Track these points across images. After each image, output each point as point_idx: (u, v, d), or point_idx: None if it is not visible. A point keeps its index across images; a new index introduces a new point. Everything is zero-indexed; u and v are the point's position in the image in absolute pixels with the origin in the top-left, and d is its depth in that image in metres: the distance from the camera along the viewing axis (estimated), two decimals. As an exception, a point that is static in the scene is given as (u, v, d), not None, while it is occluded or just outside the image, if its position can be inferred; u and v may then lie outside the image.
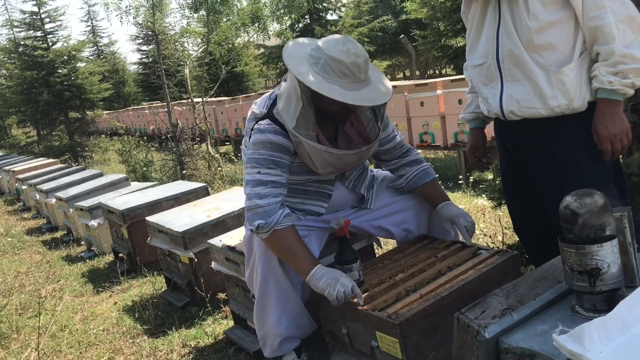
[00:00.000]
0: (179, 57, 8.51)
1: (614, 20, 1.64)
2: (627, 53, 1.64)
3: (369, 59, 1.92)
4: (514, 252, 1.93)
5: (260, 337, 2.13)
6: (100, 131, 17.28)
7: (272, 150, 1.93)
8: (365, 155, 2.07)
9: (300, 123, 1.91)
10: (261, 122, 1.97)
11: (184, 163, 7.08)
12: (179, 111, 11.03)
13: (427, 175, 2.21)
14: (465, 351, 1.13)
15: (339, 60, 1.81)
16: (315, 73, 1.83)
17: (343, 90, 1.81)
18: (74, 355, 2.69)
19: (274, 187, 1.93)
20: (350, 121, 2.04)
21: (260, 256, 1.99)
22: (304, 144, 1.92)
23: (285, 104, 1.95)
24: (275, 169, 1.93)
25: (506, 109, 1.86)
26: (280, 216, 1.90)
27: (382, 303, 1.78)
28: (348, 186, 2.19)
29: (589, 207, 1.09)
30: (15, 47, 12.62)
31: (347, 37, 1.92)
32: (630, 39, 1.66)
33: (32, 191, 6.47)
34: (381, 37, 19.46)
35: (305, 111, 1.91)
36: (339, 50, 1.82)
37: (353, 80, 1.84)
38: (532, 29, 1.73)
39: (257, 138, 1.95)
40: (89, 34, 27.38)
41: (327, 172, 2.03)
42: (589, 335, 0.92)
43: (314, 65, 1.85)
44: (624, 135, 1.74)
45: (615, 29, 1.64)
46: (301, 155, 1.98)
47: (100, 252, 4.41)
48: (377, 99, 1.87)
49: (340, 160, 2.00)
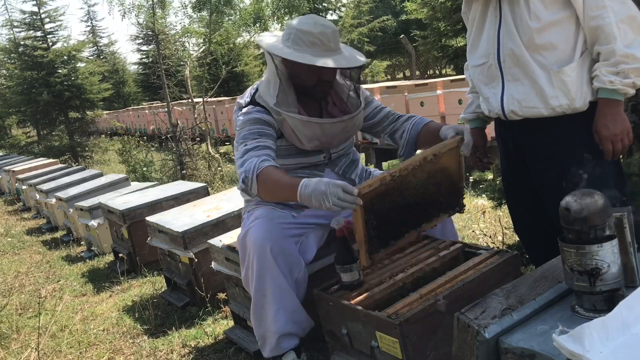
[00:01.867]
0: (179, 57, 8.51)
1: (615, 20, 1.64)
2: (628, 53, 1.64)
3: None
4: (514, 252, 1.92)
5: (258, 336, 2.13)
6: (100, 131, 17.27)
7: (255, 124, 2.03)
8: (350, 127, 2.12)
9: (280, 100, 2.02)
10: (245, 108, 2.10)
11: (184, 163, 7.08)
12: (179, 111, 11.03)
13: (424, 120, 2.24)
14: (465, 351, 1.13)
15: (307, 31, 1.95)
16: (286, 46, 1.98)
17: (313, 57, 1.93)
18: (74, 355, 2.69)
19: (257, 150, 1.96)
20: (332, 100, 2.15)
21: (254, 255, 1.99)
22: (286, 118, 2.01)
23: (265, 85, 2.08)
24: (259, 138, 2.00)
25: (507, 109, 1.86)
26: (257, 162, 1.90)
27: (374, 300, 1.79)
28: (338, 172, 2.22)
29: (589, 207, 1.09)
30: (15, 47, 12.62)
31: (314, 15, 2.09)
32: (631, 39, 1.66)
33: (32, 191, 6.47)
34: (381, 37, 19.46)
35: (284, 88, 2.02)
36: (307, 23, 1.97)
37: (323, 49, 1.96)
38: (533, 28, 1.73)
39: (242, 119, 2.08)
40: (88, 34, 27.40)
41: (313, 146, 2.08)
42: (589, 336, 0.92)
43: (286, 40, 1.99)
44: (625, 135, 1.74)
45: (616, 28, 1.64)
46: (286, 133, 2.06)
47: (100, 252, 4.41)
48: (348, 63, 1.99)
49: (325, 132, 2.06)
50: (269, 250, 1.96)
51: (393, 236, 1.94)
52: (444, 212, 2.08)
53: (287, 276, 2.02)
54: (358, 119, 2.15)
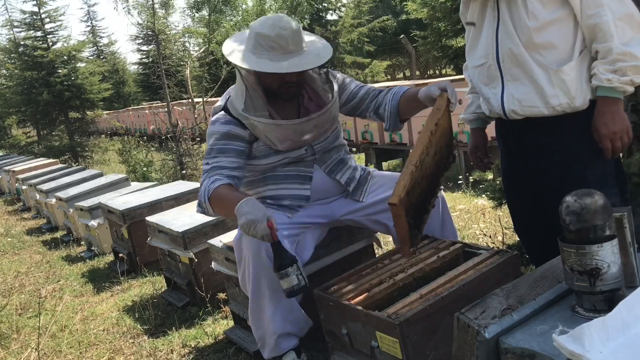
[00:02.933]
0: (179, 57, 8.52)
1: (612, 18, 1.64)
2: (626, 51, 1.64)
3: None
4: (514, 252, 1.92)
5: (257, 338, 2.13)
6: (100, 131, 17.28)
7: (219, 139, 2.06)
8: (322, 121, 2.10)
9: (248, 105, 2.03)
10: (216, 114, 2.11)
11: (184, 163, 7.08)
12: (179, 111, 11.03)
13: (402, 88, 2.20)
14: (465, 351, 1.13)
15: (265, 35, 1.94)
16: (247, 52, 1.98)
17: (271, 62, 1.93)
18: (74, 355, 2.69)
19: (211, 172, 2.01)
20: (308, 94, 2.15)
21: (250, 256, 1.99)
22: (255, 123, 2.02)
23: (235, 91, 2.10)
24: (218, 156, 2.03)
25: (508, 109, 1.86)
26: (207, 185, 1.96)
27: (375, 300, 1.79)
28: (325, 170, 2.21)
29: (589, 207, 1.09)
30: (15, 47, 12.63)
31: (278, 14, 2.06)
32: (629, 37, 1.65)
33: (32, 191, 6.47)
34: (381, 37, 19.47)
35: (251, 93, 2.03)
36: (265, 26, 1.95)
37: (282, 52, 1.95)
38: (531, 28, 1.73)
39: (210, 129, 2.11)
40: (88, 34, 27.41)
41: (287, 146, 2.09)
42: (589, 336, 0.92)
43: (247, 45, 1.99)
44: (624, 133, 1.74)
45: (613, 26, 1.64)
46: (259, 136, 2.07)
47: (100, 252, 4.41)
48: (306, 64, 1.97)
49: (296, 132, 2.06)
50: (264, 251, 1.96)
51: (422, 216, 1.91)
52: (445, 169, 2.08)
53: None
54: (331, 112, 2.13)
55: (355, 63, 15.90)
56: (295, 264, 1.80)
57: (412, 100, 2.10)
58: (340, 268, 2.22)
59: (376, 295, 1.84)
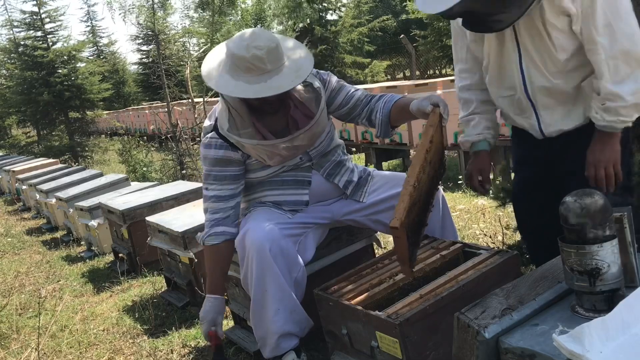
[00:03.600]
0: (180, 57, 8.52)
1: (604, 56, 1.60)
2: (614, 91, 1.61)
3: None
4: (514, 252, 1.92)
5: (258, 337, 2.13)
6: (100, 131, 17.28)
7: (213, 165, 2.08)
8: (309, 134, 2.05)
9: (232, 125, 2.00)
10: (207, 136, 2.10)
11: (184, 163, 7.08)
12: (179, 111, 11.02)
13: (395, 97, 2.19)
14: (465, 351, 1.13)
15: (240, 57, 1.87)
16: (224, 73, 1.92)
17: (247, 85, 1.88)
18: (74, 355, 2.69)
19: (215, 201, 2.10)
20: (294, 104, 2.09)
21: (254, 255, 1.99)
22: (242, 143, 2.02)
23: (220, 111, 2.08)
24: (215, 183, 2.08)
25: (547, 132, 1.85)
26: (206, 234, 2.10)
27: (375, 300, 1.79)
28: (323, 175, 2.20)
29: (589, 207, 1.09)
30: (15, 47, 12.63)
31: (254, 30, 1.96)
32: (623, 75, 1.60)
33: (32, 191, 6.47)
34: (381, 37, 19.46)
35: (233, 112, 2.00)
36: (240, 47, 1.88)
37: (259, 72, 1.88)
38: (562, 60, 1.70)
39: (201, 153, 2.14)
40: (88, 34, 27.42)
41: (276, 162, 2.09)
42: (589, 336, 0.92)
43: (225, 66, 1.93)
44: (610, 164, 1.71)
45: (604, 65, 1.61)
46: (250, 153, 2.07)
47: (100, 252, 4.41)
48: (282, 87, 1.90)
49: (283, 148, 2.03)
50: (268, 250, 1.96)
51: (421, 229, 1.92)
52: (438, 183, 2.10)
53: (287, 276, 2.02)
54: (319, 123, 2.09)
55: (355, 63, 15.90)
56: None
57: (404, 110, 2.08)
58: (340, 268, 2.22)
59: (376, 295, 1.84)
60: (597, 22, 1.58)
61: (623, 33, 1.58)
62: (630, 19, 1.58)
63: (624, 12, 1.58)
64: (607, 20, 1.57)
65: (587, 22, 1.60)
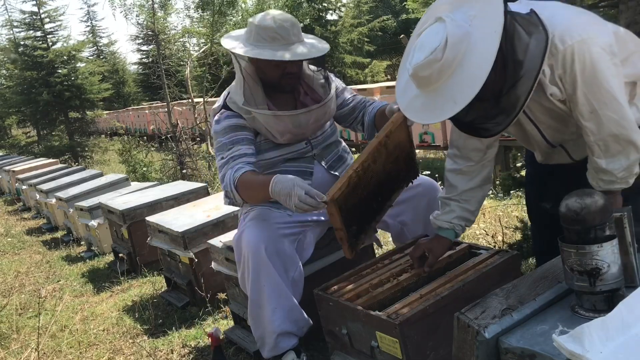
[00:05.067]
0: (180, 57, 8.52)
1: (593, 139, 1.56)
2: (606, 169, 1.57)
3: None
4: (514, 252, 1.93)
5: (257, 337, 2.13)
6: (100, 131, 17.28)
7: (227, 133, 2.08)
8: (321, 116, 2.15)
9: (248, 98, 2.05)
10: (217, 114, 2.15)
11: (184, 163, 7.08)
12: (179, 111, 11.02)
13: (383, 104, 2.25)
14: (465, 351, 1.13)
15: (267, 27, 1.97)
16: (248, 44, 2.01)
17: (273, 52, 1.96)
18: (74, 355, 2.69)
19: (231, 161, 2.05)
20: (304, 90, 2.18)
21: (249, 255, 2.00)
22: (256, 115, 2.05)
23: (234, 86, 2.12)
24: (232, 147, 2.07)
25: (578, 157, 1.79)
26: (232, 174, 2.00)
27: (378, 300, 1.78)
28: (325, 166, 2.24)
29: (589, 207, 1.09)
30: (15, 47, 12.63)
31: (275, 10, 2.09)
32: (614, 152, 1.55)
33: (32, 191, 6.47)
34: (381, 37, 19.44)
35: (250, 86, 2.06)
36: (266, 19, 2.00)
37: (283, 42, 1.98)
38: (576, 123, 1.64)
39: (214, 129, 2.14)
40: (88, 34, 27.41)
41: (286, 139, 2.12)
42: (588, 336, 0.92)
43: (248, 39, 2.02)
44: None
45: (595, 145, 1.57)
46: (259, 129, 2.10)
47: (100, 252, 4.41)
48: (308, 53, 2.01)
49: (295, 124, 2.09)
50: (264, 250, 1.97)
51: (369, 220, 1.99)
52: (404, 183, 2.14)
53: (283, 275, 2.02)
54: (328, 106, 2.18)
55: (355, 63, 15.90)
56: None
57: (384, 114, 2.17)
58: (340, 268, 2.21)
59: (379, 296, 1.83)
60: (581, 109, 1.53)
61: (609, 119, 1.51)
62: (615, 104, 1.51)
63: (608, 98, 1.50)
64: (592, 107, 1.51)
65: (574, 107, 1.55)
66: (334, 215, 1.81)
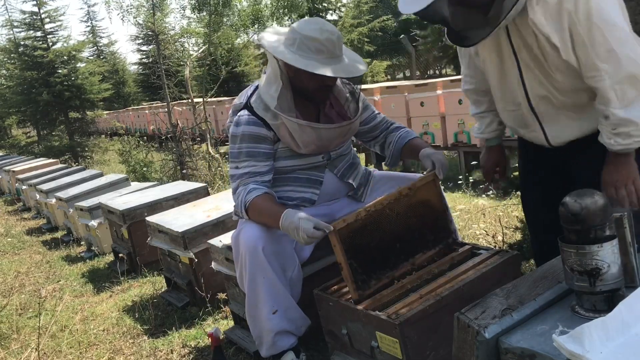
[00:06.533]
0: (179, 57, 8.52)
1: (610, 82, 1.55)
2: (624, 117, 1.57)
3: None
4: (514, 252, 1.93)
5: (255, 336, 2.13)
6: (100, 131, 17.28)
7: (245, 142, 2.06)
8: (346, 132, 2.14)
9: (281, 103, 2.01)
10: (239, 113, 2.10)
11: (184, 163, 7.08)
12: (179, 111, 11.03)
13: (410, 134, 2.28)
14: (465, 351, 1.13)
15: (314, 38, 1.92)
16: (292, 52, 1.94)
17: (321, 65, 1.92)
18: (74, 355, 2.69)
19: (246, 178, 2.05)
20: (330, 103, 2.15)
21: (247, 254, 2.00)
22: (285, 122, 2.01)
23: (266, 86, 2.06)
24: (248, 160, 2.05)
25: (554, 142, 1.83)
26: (244, 196, 2.01)
27: (382, 303, 1.78)
28: (337, 174, 2.22)
29: (589, 207, 1.09)
30: (15, 48, 12.63)
31: (317, 18, 2.05)
32: (631, 98, 1.56)
33: (32, 191, 6.47)
34: (381, 37, 19.47)
35: (285, 91, 2.02)
36: (313, 29, 1.94)
37: (328, 56, 1.94)
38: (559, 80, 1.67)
39: (232, 131, 2.11)
40: (88, 34, 27.41)
41: (309, 150, 2.09)
42: (589, 336, 0.92)
43: (291, 45, 1.96)
44: (630, 181, 1.66)
45: (611, 92, 1.56)
46: (283, 137, 2.06)
47: (100, 252, 4.41)
48: (353, 71, 1.99)
49: (322, 137, 2.06)
50: (261, 250, 1.97)
51: (381, 268, 1.92)
52: (438, 244, 2.05)
53: (280, 275, 2.02)
54: (355, 124, 2.16)
55: (355, 63, 15.88)
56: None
57: (414, 153, 2.19)
58: (340, 268, 2.21)
59: (384, 298, 1.83)
60: (598, 49, 1.53)
61: (628, 58, 1.52)
62: (632, 42, 1.53)
63: (625, 36, 1.53)
64: (609, 46, 1.52)
65: (586, 50, 1.55)
66: (336, 247, 1.80)
